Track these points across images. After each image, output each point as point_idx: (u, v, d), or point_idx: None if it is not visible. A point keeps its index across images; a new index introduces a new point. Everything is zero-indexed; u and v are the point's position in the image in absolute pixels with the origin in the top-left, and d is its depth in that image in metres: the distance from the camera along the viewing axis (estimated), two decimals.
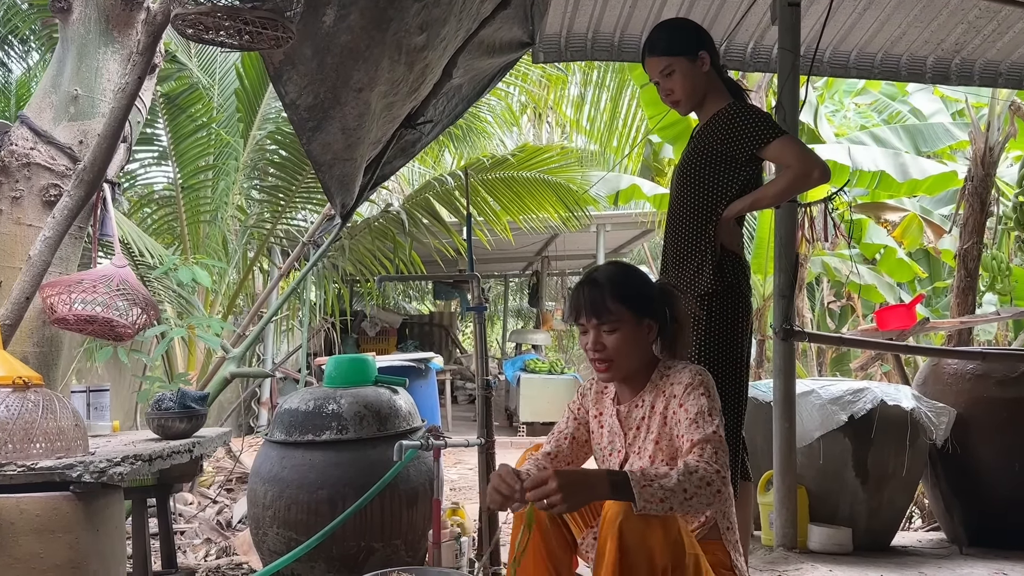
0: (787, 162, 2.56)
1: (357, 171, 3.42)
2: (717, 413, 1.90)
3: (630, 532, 1.71)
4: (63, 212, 2.56)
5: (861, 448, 3.59)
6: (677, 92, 2.69)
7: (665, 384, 2.01)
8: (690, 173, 2.68)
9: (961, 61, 4.44)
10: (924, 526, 4.72)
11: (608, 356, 2.00)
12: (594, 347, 2.01)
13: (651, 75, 2.74)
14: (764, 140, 2.55)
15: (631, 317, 1.99)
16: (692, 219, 2.66)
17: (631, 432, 2.07)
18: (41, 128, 3.08)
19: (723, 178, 2.62)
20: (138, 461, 2.25)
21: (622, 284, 2.03)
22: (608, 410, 2.16)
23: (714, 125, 2.65)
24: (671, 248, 2.74)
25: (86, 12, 3.16)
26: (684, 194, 2.69)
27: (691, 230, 2.65)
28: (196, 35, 2.09)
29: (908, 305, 4.67)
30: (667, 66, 2.67)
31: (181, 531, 4.46)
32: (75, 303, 2.74)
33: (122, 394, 6.28)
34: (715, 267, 2.58)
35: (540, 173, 6.93)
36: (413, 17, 2.45)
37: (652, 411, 2.02)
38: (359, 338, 12.28)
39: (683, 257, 2.66)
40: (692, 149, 2.72)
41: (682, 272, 2.65)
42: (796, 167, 2.52)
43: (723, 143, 2.61)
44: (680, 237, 2.68)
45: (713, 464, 1.79)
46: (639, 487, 1.70)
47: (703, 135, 2.69)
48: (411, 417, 3.28)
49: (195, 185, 5.98)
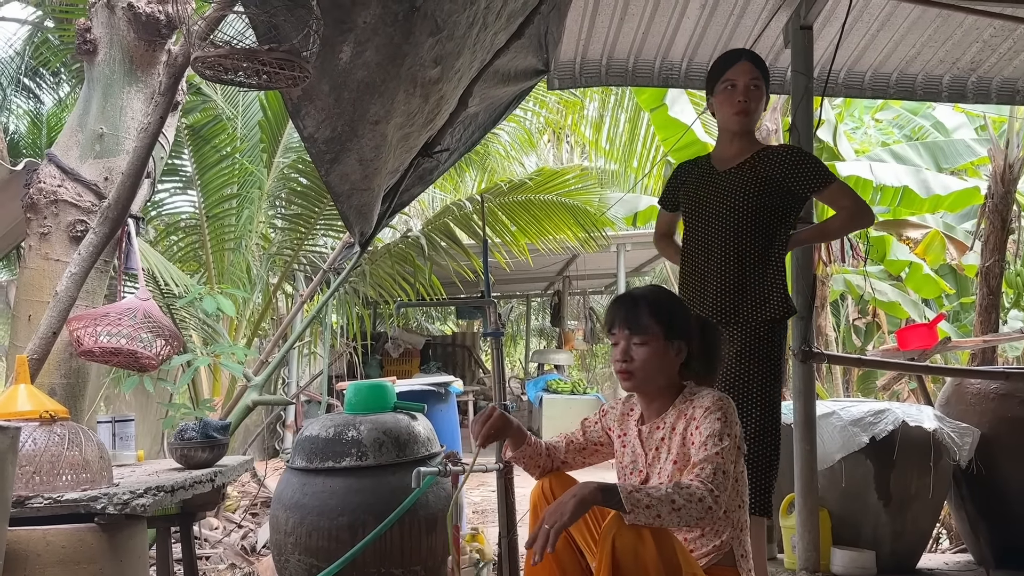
0: (844, 204, 2.79)
1: (375, 200, 3.47)
2: (728, 437, 1.93)
3: (623, 548, 1.75)
4: (88, 248, 2.63)
5: (883, 470, 3.56)
6: (752, 104, 2.82)
7: (688, 407, 2.05)
8: (751, 202, 2.77)
9: (978, 79, 4.43)
10: (952, 548, 4.65)
11: (632, 368, 2.07)
12: (622, 356, 2.07)
13: (737, 77, 2.82)
14: (825, 183, 2.77)
15: (662, 334, 2.06)
16: (755, 248, 2.75)
17: (651, 452, 2.11)
18: (68, 165, 3.17)
19: (784, 210, 2.81)
20: (160, 492, 2.29)
21: (659, 302, 2.11)
22: (631, 431, 2.20)
23: (772, 160, 2.80)
24: (726, 277, 2.77)
25: (111, 53, 3.26)
26: (744, 223, 2.76)
27: (755, 258, 2.75)
28: (215, 76, 2.16)
29: (930, 324, 4.63)
30: (757, 79, 2.82)
31: (206, 556, 4.51)
32: (100, 336, 2.81)
33: (149, 420, 6.37)
34: (783, 295, 2.76)
35: (558, 196, 6.98)
36: (427, 51, 2.51)
37: (673, 432, 2.06)
38: (382, 360, 12.32)
39: (745, 285, 2.73)
40: (744, 180, 2.79)
41: (743, 300, 2.73)
42: (853, 208, 2.78)
43: (788, 178, 2.77)
44: (742, 266, 2.75)
45: (708, 483, 1.83)
46: (626, 492, 1.75)
47: (758, 168, 2.80)
48: (430, 443, 3.30)
49: (219, 214, 6.09)
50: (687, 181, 3.00)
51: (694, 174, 2.99)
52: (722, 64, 2.87)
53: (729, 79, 2.81)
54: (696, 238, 2.90)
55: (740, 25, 3.98)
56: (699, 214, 2.90)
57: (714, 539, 2.02)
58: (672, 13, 3.90)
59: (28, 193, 3.26)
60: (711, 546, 2.03)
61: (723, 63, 2.87)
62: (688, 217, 2.96)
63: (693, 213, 2.93)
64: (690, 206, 2.95)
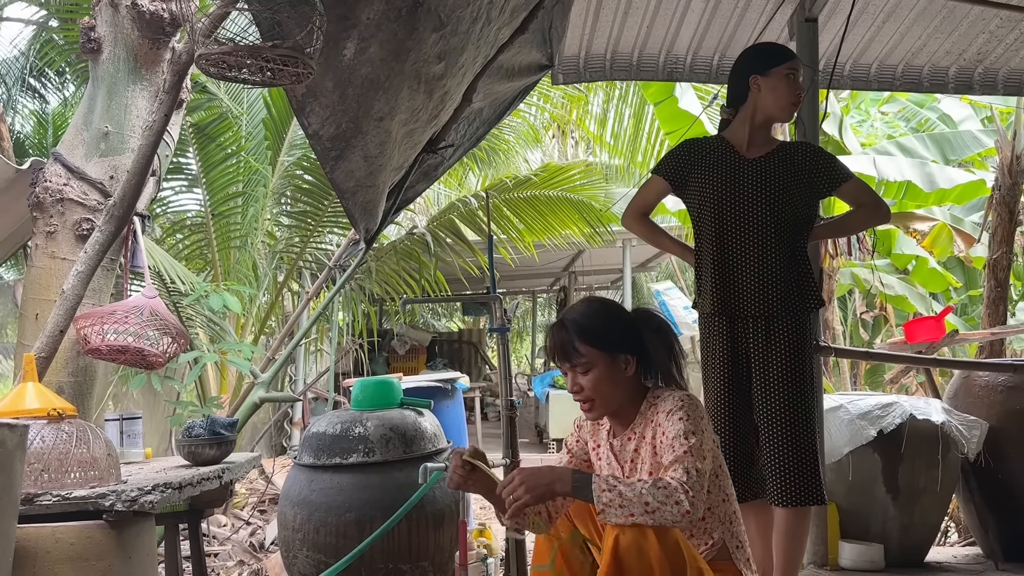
0: (862, 200, 2.82)
1: (380, 197, 3.47)
2: (694, 434, 1.87)
3: (626, 545, 1.73)
4: (94, 247, 2.64)
5: (891, 463, 3.55)
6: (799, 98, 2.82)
7: (653, 414, 2.00)
8: (786, 191, 2.75)
9: (984, 71, 4.40)
10: (960, 541, 4.64)
11: (588, 396, 2.01)
12: (572, 388, 2.03)
13: (799, 72, 2.79)
14: (842, 179, 2.78)
15: (602, 355, 1.99)
16: (786, 242, 2.73)
17: (627, 465, 2.06)
18: (73, 164, 3.18)
19: (807, 204, 2.80)
20: (168, 489, 2.30)
21: (586, 325, 2.02)
22: (603, 443, 2.15)
23: (794, 154, 2.80)
24: (766, 267, 2.72)
25: (115, 52, 3.27)
26: (781, 211, 2.73)
27: (786, 253, 2.73)
28: (219, 73, 2.16)
29: (937, 317, 4.62)
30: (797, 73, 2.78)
31: (215, 553, 4.53)
32: (107, 334, 2.82)
33: (156, 418, 6.40)
34: (816, 285, 2.80)
35: (563, 192, 6.97)
36: (431, 47, 2.50)
37: (643, 442, 2.01)
38: (389, 356, 12.35)
39: (787, 276, 2.71)
40: (776, 171, 2.76)
41: (787, 291, 2.71)
42: (870, 203, 2.82)
43: (809, 173, 2.77)
44: (781, 255, 2.72)
45: (684, 484, 1.77)
46: (599, 490, 1.74)
47: (784, 160, 2.78)
48: (436, 439, 3.31)
49: (225, 212, 6.10)
50: (703, 162, 2.82)
51: (712, 157, 2.81)
52: (782, 51, 2.83)
53: (793, 68, 2.76)
54: (721, 225, 2.75)
55: (745, 18, 3.97)
56: (727, 200, 2.75)
57: (705, 538, 2.01)
58: (676, 7, 3.89)
59: (34, 192, 3.27)
60: (704, 545, 2.01)
61: (784, 51, 2.83)
62: (708, 202, 2.79)
63: (717, 199, 2.77)
64: (712, 191, 2.78)
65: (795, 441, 2.66)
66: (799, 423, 2.67)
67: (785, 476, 2.64)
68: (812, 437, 2.70)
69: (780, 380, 2.68)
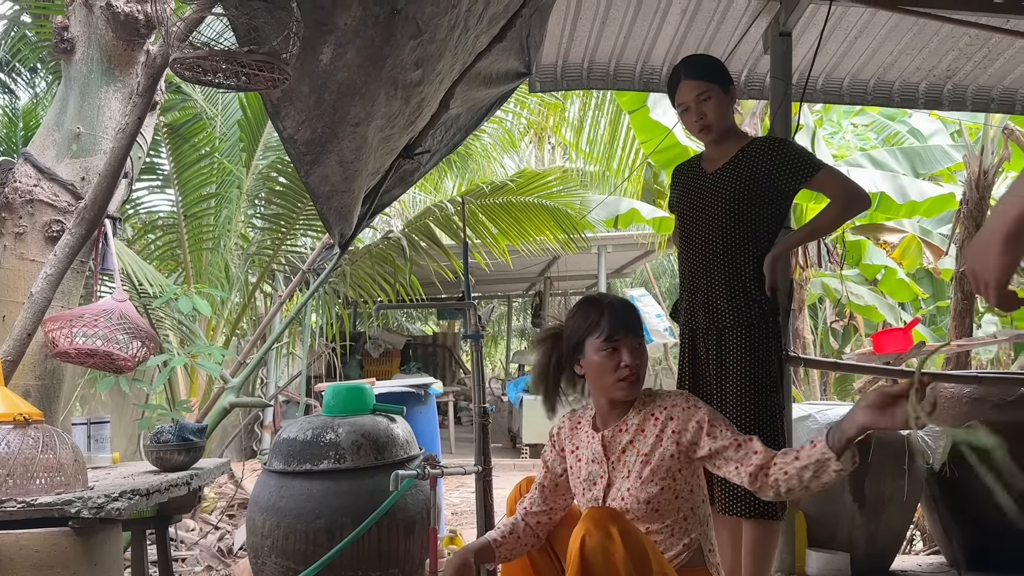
0: (835, 192, 2.69)
1: (355, 202, 3.47)
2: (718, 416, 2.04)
3: (592, 548, 1.75)
4: (64, 250, 2.61)
5: (858, 473, 3.58)
6: (710, 117, 2.73)
7: (653, 408, 2.06)
8: (738, 205, 2.72)
9: (953, 87, 4.48)
10: (925, 549, 4.70)
11: (640, 373, 2.08)
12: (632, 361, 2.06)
13: (684, 99, 2.75)
14: (810, 172, 2.67)
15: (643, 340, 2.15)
16: (750, 250, 2.72)
17: (614, 455, 2.09)
18: (44, 165, 3.14)
19: (772, 208, 2.75)
20: (135, 496, 2.28)
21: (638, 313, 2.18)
22: (586, 440, 2.18)
23: (755, 157, 2.73)
24: (715, 281, 2.75)
25: (88, 52, 3.23)
26: (732, 224, 2.73)
27: (745, 260, 2.72)
28: (194, 77, 2.14)
29: (904, 329, 4.69)
30: (705, 91, 2.72)
31: (182, 558, 4.48)
32: (76, 337, 2.78)
33: (125, 421, 6.31)
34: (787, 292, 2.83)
35: (539, 198, 6.99)
36: (408, 54, 2.50)
37: (641, 433, 2.05)
38: (363, 359, 12.29)
39: (735, 288, 2.71)
40: (730, 180, 2.75)
41: (733, 305, 2.71)
42: (844, 195, 2.67)
43: (770, 174, 2.70)
44: (733, 268, 2.72)
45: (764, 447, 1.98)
46: None
47: (742, 167, 2.74)
48: (408, 445, 3.30)
49: (198, 213, 6.04)
50: (679, 184, 2.96)
51: (686, 177, 2.94)
52: (670, 86, 2.81)
53: (680, 103, 2.77)
54: (689, 241, 2.86)
55: (720, 31, 4.01)
56: (690, 217, 2.86)
57: (683, 537, 2.03)
58: (653, 18, 3.92)
59: (3, 192, 3.22)
60: (681, 544, 2.03)
61: (671, 85, 2.81)
62: (681, 221, 2.92)
63: (685, 217, 2.89)
64: (682, 210, 2.91)
65: None
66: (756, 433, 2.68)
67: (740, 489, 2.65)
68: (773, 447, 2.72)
69: (736, 392, 2.68)
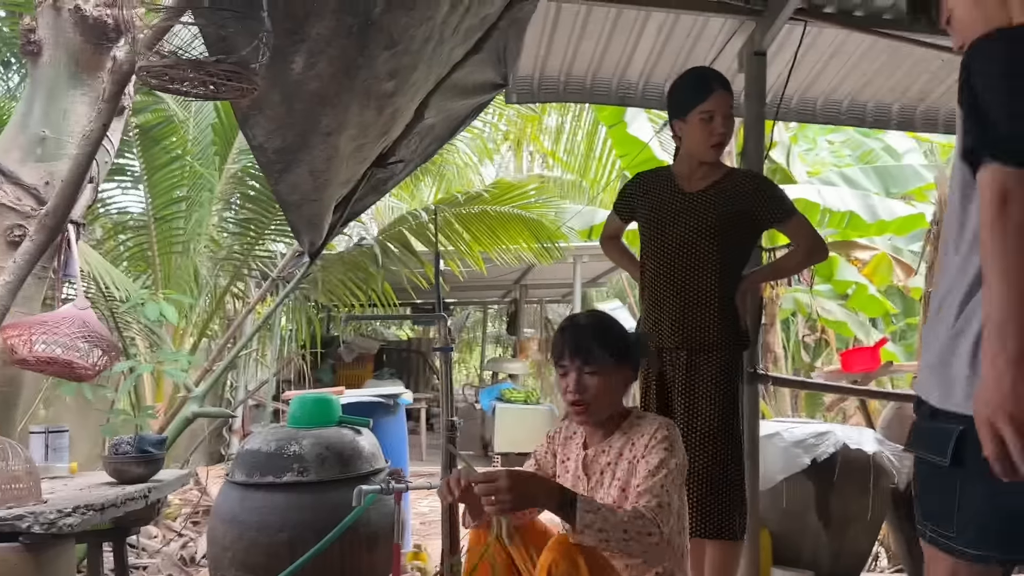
0: (802, 239, 2.78)
1: (326, 210, 3.43)
2: (673, 468, 1.94)
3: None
4: (24, 256, 2.55)
5: (824, 491, 3.61)
6: (728, 135, 2.75)
7: (635, 434, 2.04)
8: (721, 230, 2.71)
9: (926, 109, 4.53)
10: (890, 567, 4.74)
11: (587, 399, 2.03)
12: (576, 389, 2.03)
13: (714, 108, 2.70)
14: (787, 216, 2.75)
15: (614, 363, 2.04)
16: (716, 274, 2.71)
17: (594, 477, 2.09)
18: (7, 168, 3.08)
19: (750, 238, 2.82)
20: (89, 511, 2.23)
21: (608, 330, 2.09)
22: (574, 455, 2.18)
23: (741, 188, 2.75)
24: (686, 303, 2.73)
25: (56, 55, 3.17)
26: (709, 248, 2.71)
27: (715, 285, 2.71)
28: (161, 85, 2.10)
29: (873, 348, 4.73)
30: (733, 108, 2.74)
31: (143, 567, 4.40)
32: (36, 344, 2.73)
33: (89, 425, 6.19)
34: (744, 325, 2.78)
35: (514, 208, 6.98)
36: (382, 64, 2.48)
37: (619, 458, 2.04)
38: (335, 364, 12.18)
39: (705, 312, 2.70)
40: (715, 205, 2.73)
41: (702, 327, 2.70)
42: (810, 244, 2.77)
43: (754, 207, 2.74)
44: (703, 291, 2.71)
45: (656, 516, 1.82)
46: (582, 511, 1.75)
47: (728, 194, 2.74)
48: (374, 458, 3.27)
49: (168, 216, 5.95)
50: (649, 194, 2.88)
51: (657, 189, 2.87)
52: (696, 91, 2.73)
53: (707, 110, 2.69)
54: (658, 260, 2.81)
55: (696, 48, 4.02)
56: (663, 235, 2.80)
57: (655, 567, 2.02)
58: (630, 34, 3.92)
59: None
60: (653, 574, 2.03)
61: (698, 90, 2.73)
62: (649, 235, 2.86)
63: (656, 233, 2.82)
64: (653, 225, 2.84)
65: (716, 474, 2.67)
66: (722, 456, 2.69)
67: (703, 508, 2.65)
68: (736, 471, 2.72)
69: (703, 413, 2.69)
